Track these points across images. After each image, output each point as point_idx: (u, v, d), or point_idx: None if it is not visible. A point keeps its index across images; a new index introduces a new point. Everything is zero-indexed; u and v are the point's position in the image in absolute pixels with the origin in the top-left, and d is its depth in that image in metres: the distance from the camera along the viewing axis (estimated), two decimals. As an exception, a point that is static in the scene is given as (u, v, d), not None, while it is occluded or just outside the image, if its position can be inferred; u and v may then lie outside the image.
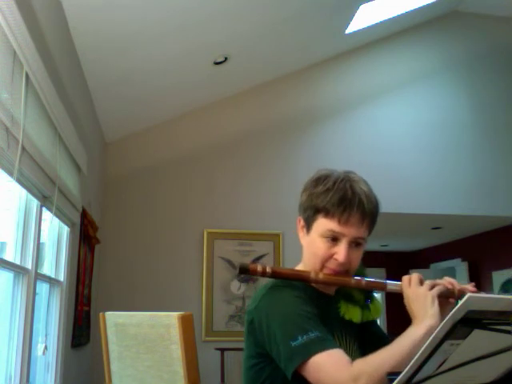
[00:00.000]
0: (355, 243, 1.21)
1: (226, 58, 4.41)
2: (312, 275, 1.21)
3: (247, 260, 4.95)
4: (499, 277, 6.69)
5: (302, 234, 1.31)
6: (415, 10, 5.23)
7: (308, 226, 1.26)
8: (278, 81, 5.36)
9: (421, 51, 5.73)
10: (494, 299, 0.86)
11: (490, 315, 0.84)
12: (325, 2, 4.33)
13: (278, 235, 5.03)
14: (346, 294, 1.30)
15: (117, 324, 1.89)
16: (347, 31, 5.01)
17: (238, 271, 1.20)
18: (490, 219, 5.85)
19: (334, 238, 1.20)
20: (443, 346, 0.85)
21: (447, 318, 0.83)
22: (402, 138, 5.48)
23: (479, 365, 0.89)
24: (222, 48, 4.26)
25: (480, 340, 0.87)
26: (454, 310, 0.82)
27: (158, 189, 5.00)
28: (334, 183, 1.21)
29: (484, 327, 0.84)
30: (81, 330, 3.65)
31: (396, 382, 0.88)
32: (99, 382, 3.40)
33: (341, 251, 1.19)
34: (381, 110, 5.51)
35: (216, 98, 5.19)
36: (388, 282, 1.21)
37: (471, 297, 0.81)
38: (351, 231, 1.19)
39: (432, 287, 1.12)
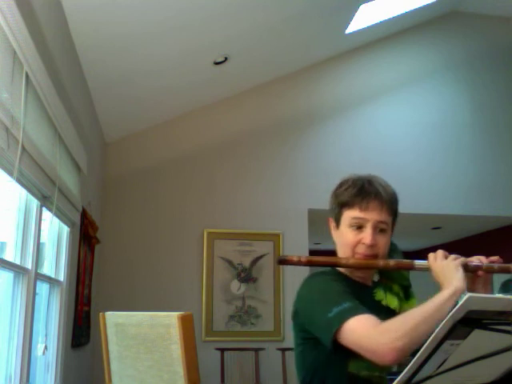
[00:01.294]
0: (379, 229, 1.33)
1: (226, 58, 4.42)
2: (343, 260, 1.34)
3: (247, 260, 4.96)
4: (499, 277, 6.69)
5: (333, 232, 1.42)
6: (415, 9, 5.23)
7: (337, 222, 1.39)
8: (278, 81, 5.36)
9: (421, 51, 5.73)
10: (494, 299, 0.86)
11: (490, 315, 0.84)
12: (325, 2, 4.33)
13: (277, 235, 5.03)
14: (386, 285, 1.42)
15: (117, 324, 1.89)
16: (347, 31, 5.01)
17: (277, 262, 1.34)
18: (490, 219, 5.85)
19: (359, 226, 1.33)
20: (443, 346, 0.85)
21: (447, 317, 0.83)
22: (402, 138, 5.48)
23: (479, 365, 0.89)
24: (222, 48, 4.26)
25: (480, 340, 0.86)
26: (453, 310, 0.82)
27: (158, 189, 5.00)
28: (354, 181, 1.37)
29: (484, 327, 0.84)
30: (81, 330, 3.65)
31: (396, 381, 0.88)
32: (99, 382, 3.40)
33: (367, 235, 1.31)
34: (380, 110, 5.51)
35: (216, 98, 5.19)
36: (415, 260, 1.31)
37: (471, 297, 0.81)
38: (373, 215, 1.32)
39: (455, 259, 1.24)
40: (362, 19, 4.92)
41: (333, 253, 1.42)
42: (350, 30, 5.00)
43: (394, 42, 5.65)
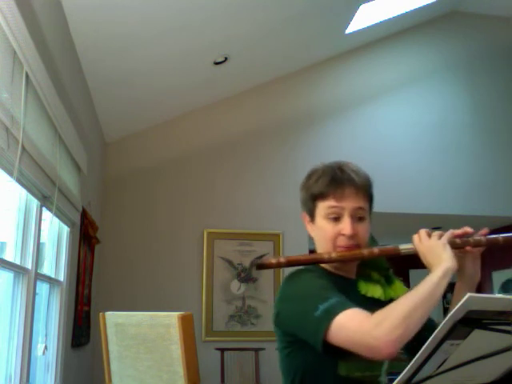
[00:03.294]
0: (357, 217, 1.26)
1: (226, 58, 4.41)
2: (325, 255, 1.25)
3: (247, 260, 4.96)
4: (499, 277, 6.69)
5: (309, 227, 1.35)
6: (415, 9, 5.23)
7: (311, 215, 1.33)
8: (278, 81, 5.36)
9: (421, 51, 5.73)
10: (494, 299, 0.86)
11: (490, 315, 0.84)
12: (325, 2, 4.33)
13: (278, 235, 5.03)
14: (364, 275, 1.34)
15: (117, 324, 1.89)
16: (347, 31, 5.01)
17: (255, 268, 1.26)
18: (490, 219, 5.85)
19: (337, 217, 1.25)
20: (443, 346, 0.85)
21: (447, 317, 0.83)
22: (402, 138, 5.48)
23: (479, 365, 0.89)
24: (222, 48, 4.26)
25: (480, 340, 0.87)
26: (453, 310, 0.82)
27: (158, 189, 5.00)
28: (323, 170, 1.31)
29: (484, 327, 0.84)
30: (81, 330, 3.64)
31: (396, 381, 0.88)
32: (99, 382, 3.40)
33: (346, 225, 1.24)
34: (380, 110, 5.51)
35: (216, 99, 5.19)
36: (400, 245, 1.25)
37: (471, 297, 0.81)
38: (349, 204, 1.24)
39: (440, 236, 1.18)
40: (362, 19, 4.92)
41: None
42: (350, 29, 5.00)
43: (394, 41, 5.65)
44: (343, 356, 1.12)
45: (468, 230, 1.23)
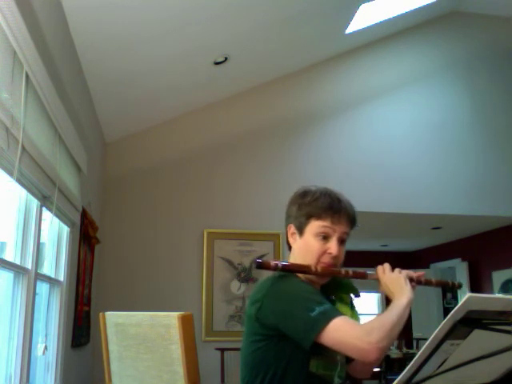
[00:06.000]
0: (340, 240, 1.44)
1: (226, 58, 4.41)
2: (313, 268, 1.40)
3: (247, 260, 4.96)
4: (499, 277, 6.69)
5: (292, 239, 1.50)
6: (415, 9, 5.23)
7: (300, 230, 1.47)
8: (278, 81, 5.36)
9: (421, 51, 5.73)
10: (494, 299, 0.86)
11: (490, 315, 0.84)
12: (325, 2, 4.33)
13: (277, 235, 5.03)
14: (337, 295, 1.52)
15: (117, 324, 1.89)
16: (347, 31, 5.01)
17: (255, 266, 1.39)
18: (490, 219, 5.85)
19: (325, 237, 1.42)
20: (443, 346, 0.85)
21: (447, 318, 0.83)
22: (402, 138, 5.48)
23: (479, 365, 0.89)
24: (222, 48, 4.26)
25: (480, 340, 0.86)
26: (454, 310, 0.82)
27: (158, 189, 5.00)
28: (321, 194, 1.46)
29: (484, 327, 0.84)
30: (81, 330, 3.64)
31: (396, 381, 0.88)
32: (99, 382, 3.40)
33: (333, 246, 1.41)
34: (380, 111, 5.51)
35: (216, 98, 5.19)
36: (368, 271, 1.45)
37: (471, 297, 0.81)
38: (341, 228, 1.43)
39: (400, 272, 1.39)
40: (362, 19, 4.92)
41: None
42: (350, 29, 5.00)
43: (394, 41, 5.65)
44: (315, 354, 1.30)
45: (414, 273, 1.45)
